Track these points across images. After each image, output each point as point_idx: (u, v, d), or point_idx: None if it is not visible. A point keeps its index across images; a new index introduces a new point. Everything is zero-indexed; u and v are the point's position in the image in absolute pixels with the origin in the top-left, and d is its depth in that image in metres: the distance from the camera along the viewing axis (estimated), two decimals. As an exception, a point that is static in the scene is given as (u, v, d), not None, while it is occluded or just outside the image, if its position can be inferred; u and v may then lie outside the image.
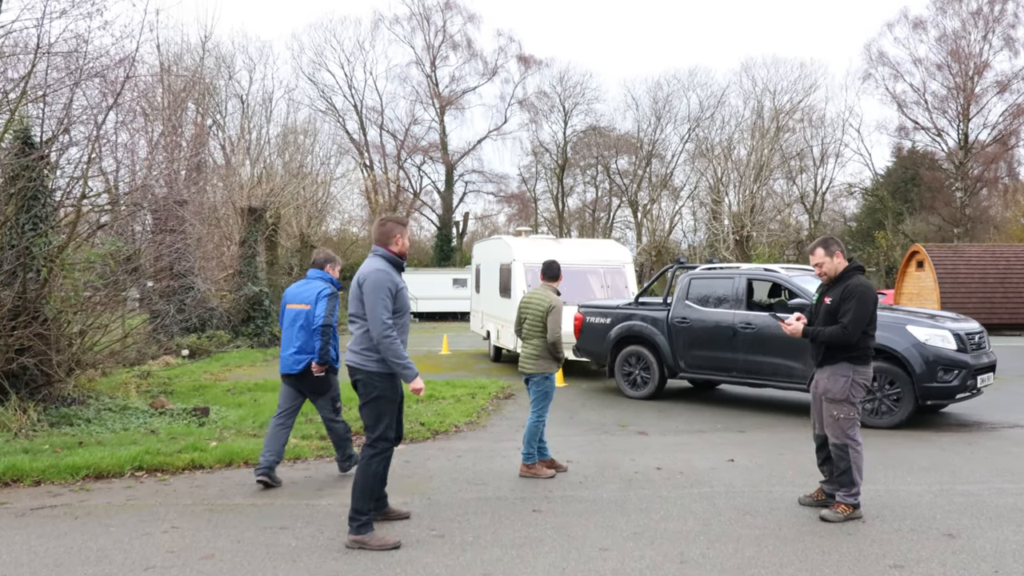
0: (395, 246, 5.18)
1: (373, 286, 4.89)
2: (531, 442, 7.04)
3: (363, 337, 4.98)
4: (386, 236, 5.17)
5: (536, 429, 7.07)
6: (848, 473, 5.52)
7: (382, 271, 4.98)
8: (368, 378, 4.99)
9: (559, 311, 7.06)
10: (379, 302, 4.86)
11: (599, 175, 52.58)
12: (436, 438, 8.98)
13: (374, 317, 4.83)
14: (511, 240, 16.13)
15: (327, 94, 48.20)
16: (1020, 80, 44.05)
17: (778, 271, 10.95)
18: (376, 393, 4.99)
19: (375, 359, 4.95)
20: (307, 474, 7.16)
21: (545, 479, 6.90)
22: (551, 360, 7.15)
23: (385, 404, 5.03)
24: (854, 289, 5.51)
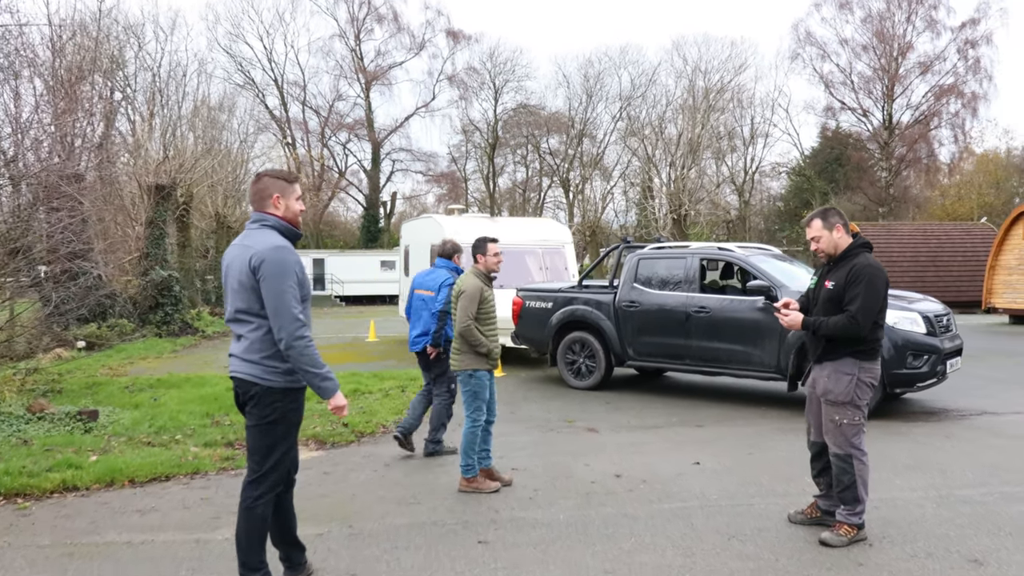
0: (275, 208, 3.81)
1: (276, 270, 3.61)
2: (468, 452, 5.99)
3: (262, 341, 3.70)
4: (260, 196, 3.81)
5: (472, 436, 6.00)
6: (852, 488, 4.66)
7: (283, 248, 3.69)
8: (266, 395, 3.71)
9: (469, 296, 5.92)
10: (287, 291, 3.62)
11: (530, 154, 51.70)
12: (361, 442, 7.88)
13: (282, 312, 3.60)
14: (442, 219, 15.01)
15: (245, 68, 45.99)
16: (941, 62, 44.80)
17: (734, 250, 10.15)
18: (274, 416, 3.73)
19: (279, 370, 3.71)
20: (205, 495, 5.97)
21: (488, 493, 5.89)
22: (474, 355, 5.99)
23: (284, 430, 3.79)
24: (862, 271, 4.61)
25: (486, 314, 6.01)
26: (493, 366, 6.10)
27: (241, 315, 3.74)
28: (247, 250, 3.70)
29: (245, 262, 3.67)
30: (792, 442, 7.50)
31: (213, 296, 28.29)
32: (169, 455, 7.05)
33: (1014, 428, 8.04)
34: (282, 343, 3.62)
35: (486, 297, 5.99)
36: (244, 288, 3.69)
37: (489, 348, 5.97)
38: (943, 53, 44.71)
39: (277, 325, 3.62)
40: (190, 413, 8.93)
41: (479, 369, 6.00)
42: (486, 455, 6.18)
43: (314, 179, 46.42)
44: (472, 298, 5.91)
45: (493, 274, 6.19)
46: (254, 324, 3.71)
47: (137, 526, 5.23)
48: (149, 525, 5.25)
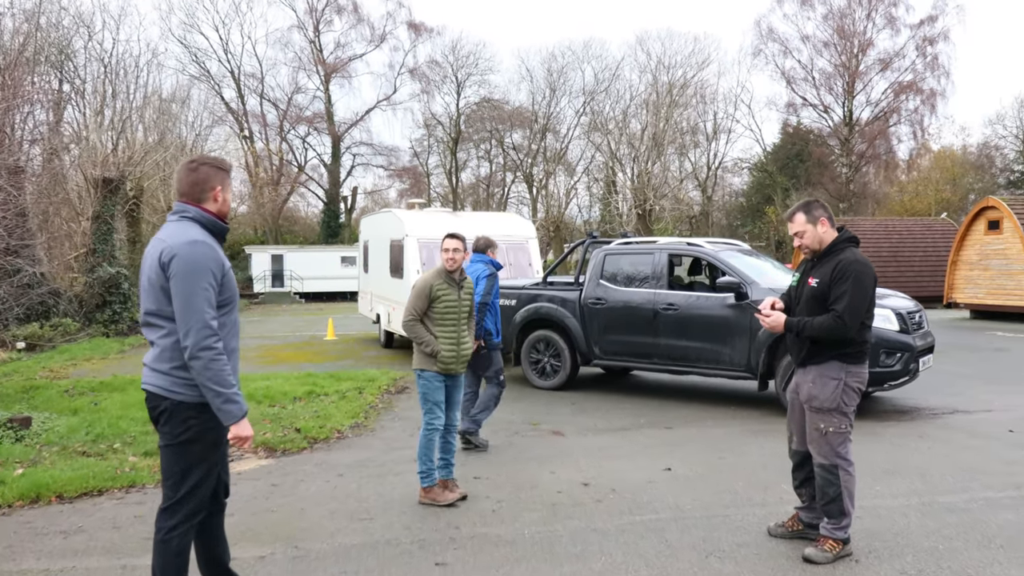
0: (213, 203, 3.38)
1: (188, 268, 3.14)
2: (423, 457, 5.61)
3: (173, 348, 3.22)
4: (199, 187, 3.34)
5: (426, 441, 5.62)
6: (838, 501, 4.34)
7: (201, 243, 3.21)
8: (178, 411, 3.23)
9: (415, 291, 5.62)
10: (199, 293, 3.13)
11: (493, 149, 51.24)
12: (315, 448, 7.42)
13: (189, 317, 3.12)
14: (403, 214, 14.53)
15: (200, 59, 44.77)
16: (901, 59, 45.28)
17: (703, 245, 9.85)
18: (189, 434, 3.24)
19: (192, 382, 3.23)
20: (139, 511, 5.48)
21: (444, 506, 5.48)
22: (421, 354, 5.63)
23: (201, 451, 3.28)
24: (848, 267, 4.28)
25: (441, 313, 5.61)
26: (443, 370, 5.63)
27: (151, 318, 3.26)
28: (158, 244, 3.23)
29: (156, 257, 3.20)
30: (763, 444, 7.23)
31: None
32: (104, 466, 6.55)
33: (987, 427, 7.85)
34: (186, 352, 3.13)
35: (438, 295, 5.58)
36: (154, 287, 3.21)
37: (434, 348, 5.54)
38: (902, 50, 45.28)
39: (183, 330, 3.13)
40: (132, 419, 8.38)
41: (426, 369, 5.62)
42: (445, 464, 5.78)
43: (273, 173, 45.47)
44: (418, 293, 5.60)
45: (452, 272, 5.72)
46: (165, 329, 3.23)
47: (59, 550, 4.74)
48: (72, 548, 4.76)
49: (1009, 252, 19.92)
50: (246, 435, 3.27)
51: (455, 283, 5.70)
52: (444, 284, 5.63)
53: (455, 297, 5.65)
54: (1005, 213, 20.02)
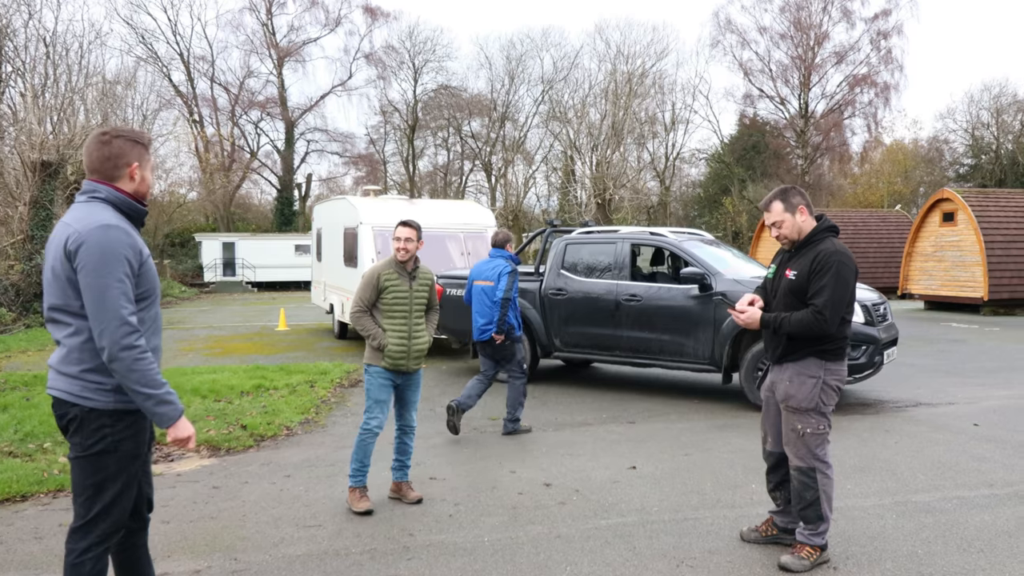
0: (129, 182, 2.93)
1: (100, 257, 2.72)
2: (354, 456, 5.25)
3: (82, 349, 2.81)
4: (112, 163, 2.89)
5: (360, 441, 5.24)
6: (815, 506, 4.10)
7: (114, 228, 2.77)
8: (89, 420, 2.82)
9: (363, 281, 5.32)
10: (113, 286, 2.72)
11: (451, 137, 50.65)
12: (261, 447, 7.02)
13: (104, 313, 2.71)
14: (357, 201, 14.08)
15: (148, 40, 43.35)
16: (856, 52, 45.80)
17: (666, 235, 9.61)
18: (102, 445, 2.83)
19: (107, 387, 2.84)
20: (66, 519, 5.00)
21: (359, 513, 5.06)
22: (368, 348, 5.31)
23: (117, 464, 2.87)
24: (828, 259, 4.01)
25: (389, 305, 5.24)
26: (392, 366, 5.24)
27: (56, 314, 2.84)
28: (63, 229, 2.80)
29: (60, 245, 2.77)
30: (729, 440, 7.02)
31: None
32: (30, 469, 6.08)
33: (951, 421, 7.75)
34: (104, 353, 2.73)
35: (386, 286, 5.22)
36: (59, 279, 2.79)
37: (381, 341, 5.18)
38: (857, 43, 45.83)
39: (98, 329, 2.73)
40: (65, 416, 7.87)
41: (373, 364, 5.27)
42: (400, 466, 5.46)
43: (224, 159, 44.35)
44: (366, 283, 5.27)
45: (408, 266, 5.31)
46: (72, 327, 2.80)
47: (-31, 566, 4.30)
48: (-15, 564, 4.32)
49: (963, 244, 20.14)
50: (185, 435, 2.92)
51: (407, 274, 5.31)
52: (394, 274, 5.27)
53: (406, 288, 5.27)
54: (960, 205, 20.23)
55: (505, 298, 7.31)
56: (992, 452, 6.51)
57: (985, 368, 11.12)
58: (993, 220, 19.83)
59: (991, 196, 20.90)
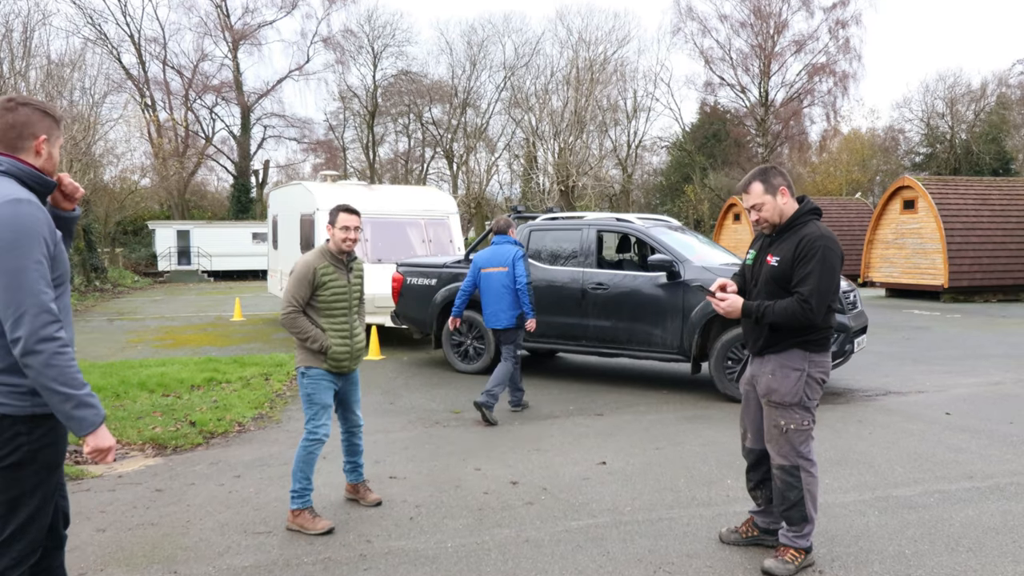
0: (35, 156, 2.56)
1: (14, 235, 2.36)
2: (299, 474, 4.63)
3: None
4: (16, 132, 2.52)
5: (307, 454, 4.65)
6: (799, 506, 3.86)
7: (27, 203, 2.42)
8: (3, 427, 2.44)
9: (296, 277, 4.63)
10: (30, 267, 2.35)
11: (412, 124, 49.98)
12: (211, 444, 6.63)
13: (23, 298, 2.34)
14: (313, 186, 13.61)
15: (96, 21, 41.97)
16: (815, 41, 46.09)
17: (633, 221, 9.36)
18: (17, 456, 2.46)
19: (21, 389, 2.44)
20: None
21: (319, 535, 4.47)
22: (305, 350, 4.68)
23: (35, 477, 2.52)
24: (812, 244, 3.74)
25: (328, 303, 4.66)
26: (334, 368, 4.70)
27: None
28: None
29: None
30: (700, 432, 6.80)
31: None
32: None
33: (923, 410, 7.63)
34: (18, 346, 2.35)
35: (324, 281, 4.61)
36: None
37: (323, 344, 4.61)
38: (816, 32, 46.10)
39: (12, 318, 2.34)
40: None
41: (312, 367, 4.67)
42: (353, 468, 5.07)
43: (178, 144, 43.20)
44: (299, 279, 4.59)
45: (345, 256, 4.77)
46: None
47: None
48: None
49: (923, 231, 20.27)
50: (107, 446, 2.54)
51: (344, 266, 4.75)
52: (331, 267, 4.67)
53: (344, 283, 4.72)
54: (920, 193, 20.35)
55: (529, 283, 7.71)
56: (967, 442, 6.38)
57: (951, 356, 11.09)
58: (953, 208, 19.98)
59: (951, 184, 21.07)
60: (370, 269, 12.25)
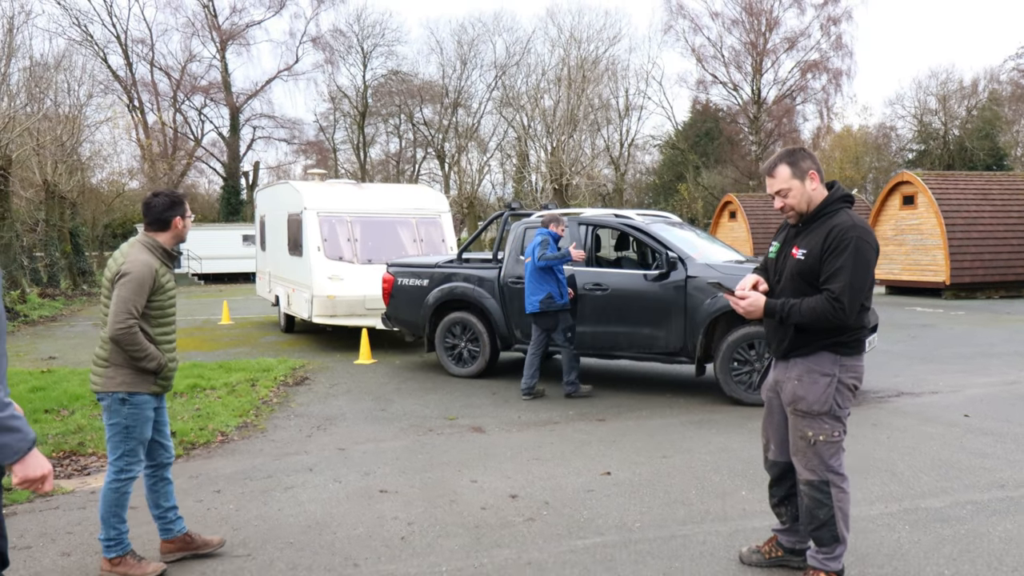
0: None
1: None
2: (110, 518, 3.86)
3: None
4: None
5: (119, 496, 3.87)
6: (830, 525, 3.49)
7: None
8: None
9: (136, 280, 3.77)
10: None
11: (403, 124, 49.53)
12: (191, 456, 6.25)
13: None
14: (301, 185, 13.21)
15: (82, 22, 41.41)
16: (807, 38, 45.85)
17: (632, 217, 9.00)
18: None
19: None
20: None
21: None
22: (133, 371, 3.84)
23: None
24: (844, 235, 3.36)
25: (163, 310, 3.95)
26: (164, 388, 4.00)
27: None
28: None
29: None
30: (709, 439, 6.44)
31: (44, 276, 25.11)
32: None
33: (940, 412, 7.28)
34: None
35: (163, 284, 3.91)
36: None
37: (160, 362, 3.87)
38: (808, 29, 45.82)
39: None
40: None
41: (138, 392, 3.86)
42: (174, 516, 4.13)
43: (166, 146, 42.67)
44: (140, 284, 3.78)
45: (176, 250, 4.17)
46: None
47: None
48: None
49: (924, 227, 19.97)
50: (38, 474, 2.20)
51: (171, 263, 4.07)
52: (165, 268, 3.96)
53: (174, 285, 4.03)
54: (920, 188, 20.04)
55: (546, 265, 7.93)
56: (992, 447, 6.03)
57: (960, 354, 10.76)
58: (953, 203, 19.68)
59: (951, 179, 20.77)
60: (359, 270, 11.88)
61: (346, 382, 9.38)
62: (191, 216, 4.13)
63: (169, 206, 3.94)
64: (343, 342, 12.69)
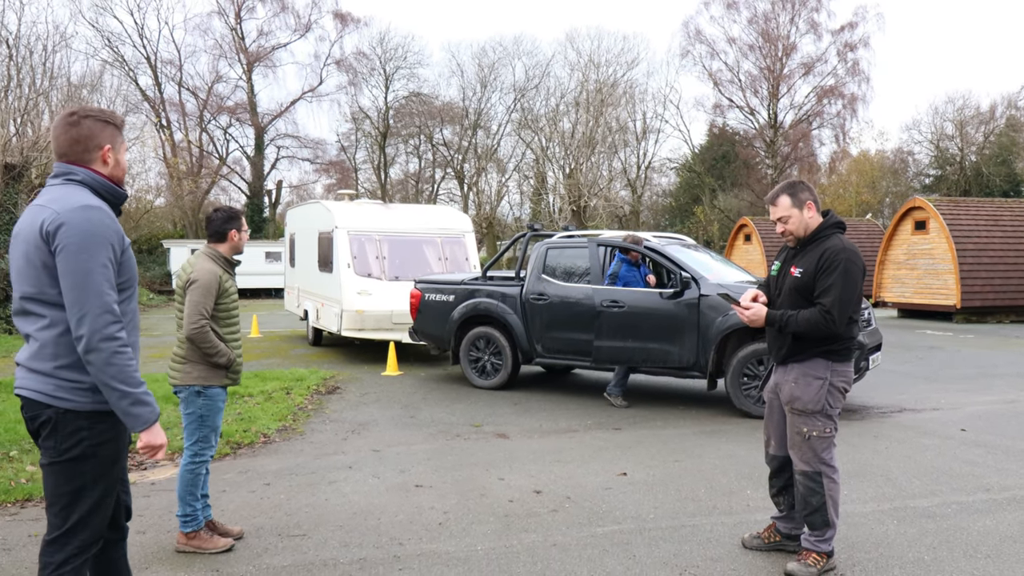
0: (103, 165, 2.71)
1: (83, 239, 2.50)
2: (187, 497, 4.42)
3: (57, 343, 2.57)
4: (82, 145, 2.67)
5: (194, 476, 4.43)
6: (821, 511, 3.98)
7: (96, 210, 2.58)
8: (65, 422, 2.58)
9: (203, 287, 4.39)
10: (97, 270, 2.51)
11: (423, 145, 50.35)
12: (238, 455, 6.78)
13: (88, 299, 2.49)
14: (332, 204, 13.83)
15: (114, 43, 42.58)
16: (823, 63, 46.38)
17: (648, 239, 9.51)
18: (80, 450, 2.60)
19: (83, 385, 2.59)
20: (35, 529, 4.78)
21: (218, 553, 4.38)
22: (206, 366, 4.45)
23: (96, 470, 2.64)
24: (836, 256, 3.91)
25: (228, 311, 4.54)
26: (233, 381, 4.59)
27: (29, 304, 2.60)
28: (39, 211, 2.57)
29: (36, 228, 2.54)
30: (718, 446, 6.91)
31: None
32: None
33: (939, 426, 7.71)
34: (81, 343, 2.50)
35: (227, 288, 4.52)
36: (32, 265, 2.56)
37: (230, 357, 4.47)
38: (824, 55, 46.37)
39: (77, 316, 2.49)
40: (30, 424, 7.56)
41: (212, 385, 4.46)
42: (205, 504, 4.60)
43: (192, 165, 43.68)
44: (207, 288, 4.38)
45: (236, 258, 4.70)
46: (47, 319, 2.57)
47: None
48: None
49: (935, 252, 20.35)
50: (159, 443, 2.70)
51: (232, 271, 4.65)
52: (227, 275, 4.56)
53: (236, 289, 4.65)
54: (932, 214, 20.44)
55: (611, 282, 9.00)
56: (983, 457, 6.47)
57: (964, 374, 11.16)
58: (964, 228, 20.06)
59: (962, 204, 21.16)
60: (387, 286, 12.44)
61: (375, 392, 9.91)
62: (247, 230, 4.72)
63: (226, 220, 4.58)
64: (370, 355, 13.24)
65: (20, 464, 6.27)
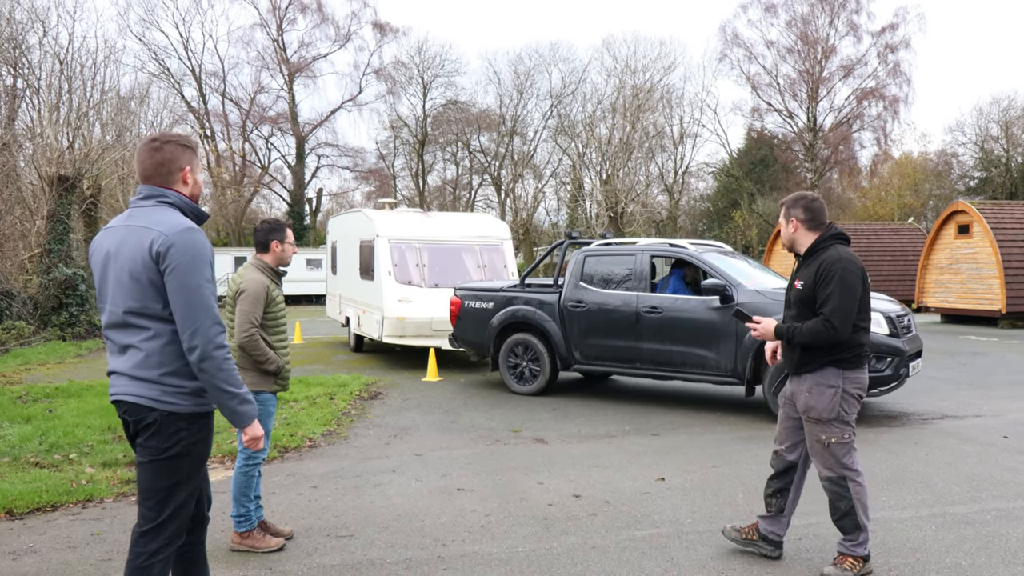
0: (184, 186, 2.98)
1: (191, 258, 2.79)
2: (241, 498, 4.62)
3: (162, 352, 2.83)
4: (166, 168, 2.94)
5: (248, 477, 4.63)
6: (851, 515, 4.05)
7: (196, 232, 2.86)
8: (168, 424, 2.85)
9: (252, 296, 4.59)
10: (204, 285, 2.81)
11: (460, 152, 50.73)
12: (285, 458, 7.00)
13: (199, 313, 2.77)
14: (373, 213, 14.10)
15: (160, 56, 43.65)
16: (863, 65, 45.82)
17: (686, 246, 9.58)
18: (178, 448, 2.87)
19: (186, 390, 2.86)
20: (97, 528, 5.03)
21: (270, 552, 4.57)
22: (258, 373, 4.64)
23: (190, 466, 2.93)
24: (831, 267, 4.01)
25: (276, 320, 4.75)
26: (283, 387, 4.80)
27: (134, 318, 2.85)
28: (144, 232, 2.82)
29: (144, 248, 2.79)
30: (756, 452, 6.96)
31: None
32: (59, 479, 6.09)
33: (981, 433, 7.68)
34: (195, 353, 2.77)
35: (274, 298, 4.72)
36: (139, 282, 2.80)
37: (279, 364, 4.67)
38: (864, 57, 45.81)
39: (190, 329, 2.77)
40: (89, 427, 7.90)
41: (263, 391, 4.66)
42: (258, 504, 4.80)
43: (235, 174, 44.55)
44: (256, 298, 4.59)
45: (283, 268, 4.89)
46: (151, 330, 2.83)
47: (6, 574, 4.28)
48: (22, 572, 4.30)
49: (979, 256, 20.04)
50: (261, 434, 3.07)
51: (279, 281, 4.86)
52: (274, 285, 4.77)
53: (282, 297, 4.86)
54: (975, 218, 20.15)
55: None
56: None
57: (1009, 381, 11.03)
58: (1009, 232, 19.73)
59: (1006, 208, 20.82)
60: (427, 293, 12.66)
61: (416, 397, 10.11)
62: (292, 241, 4.93)
63: (268, 231, 4.82)
64: (410, 361, 13.47)
65: (80, 466, 6.55)
